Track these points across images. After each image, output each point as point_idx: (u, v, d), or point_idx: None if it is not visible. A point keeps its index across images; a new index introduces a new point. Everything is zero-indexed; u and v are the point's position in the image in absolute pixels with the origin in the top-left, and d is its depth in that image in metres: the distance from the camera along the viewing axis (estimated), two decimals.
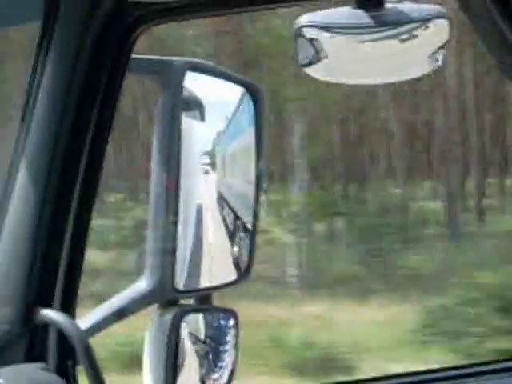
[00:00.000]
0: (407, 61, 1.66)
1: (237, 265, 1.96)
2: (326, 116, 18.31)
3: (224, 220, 1.95)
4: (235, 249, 1.96)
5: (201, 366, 1.89)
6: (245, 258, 1.95)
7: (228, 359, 1.95)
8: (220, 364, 1.92)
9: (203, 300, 1.90)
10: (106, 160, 1.78)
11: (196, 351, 1.89)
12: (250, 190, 1.94)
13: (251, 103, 1.91)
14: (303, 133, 16.14)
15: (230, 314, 1.94)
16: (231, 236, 1.97)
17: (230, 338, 1.94)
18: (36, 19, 1.66)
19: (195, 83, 1.81)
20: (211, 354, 1.92)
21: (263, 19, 15.55)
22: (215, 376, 1.91)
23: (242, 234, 1.96)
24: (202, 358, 1.90)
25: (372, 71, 1.70)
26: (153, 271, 1.78)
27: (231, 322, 1.94)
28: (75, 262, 1.73)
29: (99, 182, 1.75)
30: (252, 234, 1.95)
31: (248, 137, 1.92)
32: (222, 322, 1.93)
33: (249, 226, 1.95)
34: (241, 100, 1.92)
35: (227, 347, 1.94)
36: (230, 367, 1.95)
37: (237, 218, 1.96)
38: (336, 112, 18.52)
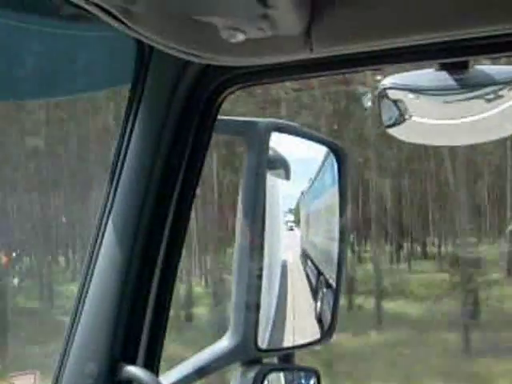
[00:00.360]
0: (495, 121, 1.65)
1: (320, 322, 1.95)
2: None
3: (307, 276, 1.96)
4: (318, 304, 1.96)
5: None
6: (328, 316, 1.95)
7: None
8: None
9: (286, 358, 1.90)
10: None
11: None
12: (333, 246, 1.94)
13: (335, 163, 1.92)
14: None
15: (312, 373, 1.94)
16: (314, 292, 1.97)
17: None
18: (126, 82, 1.71)
19: (280, 143, 1.83)
20: None
21: None
22: None
23: (325, 289, 1.96)
24: None
25: (458, 132, 1.69)
26: (236, 328, 1.78)
27: (312, 382, 1.93)
28: (160, 319, 1.75)
29: (184, 242, 1.78)
30: (336, 291, 1.95)
31: (331, 196, 1.93)
32: (304, 381, 1.93)
33: (331, 282, 1.94)
34: (324, 160, 1.93)
35: None
36: None
37: (320, 274, 1.97)
38: None
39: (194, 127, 1.72)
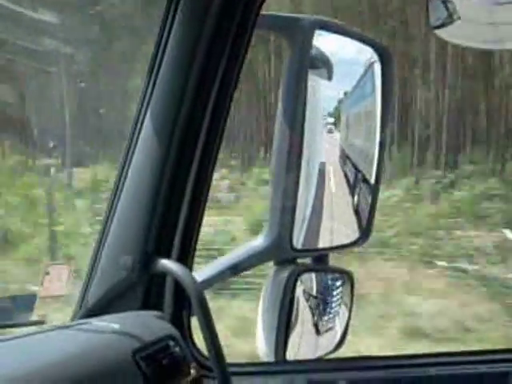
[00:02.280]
0: None
1: (357, 215, 1.94)
2: None
3: (346, 175, 1.94)
4: (355, 198, 1.95)
5: (313, 315, 1.90)
6: (365, 214, 1.93)
7: (341, 318, 1.96)
8: (331, 310, 1.93)
9: (320, 259, 1.90)
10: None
11: (309, 306, 1.90)
12: (372, 147, 1.91)
13: (380, 65, 1.87)
14: None
15: (346, 274, 1.94)
16: (352, 188, 1.95)
17: (342, 295, 1.95)
18: None
19: (324, 41, 1.79)
20: (323, 305, 1.92)
21: None
22: (326, 318, 1.92)
23: (361, 184, 1.94)
24: (315, 309, 1.91)
25: (506, 36, 1.63)
26: (272, 229, 1.78)
27: (347, 283, 1.94)
28: (195, 214, 1.75)
29: (223, 135, 1.76)
30: (373, 190, 1.92)
31: (374, 99, 1.89)
32: (338, 283, 1.94)
33: (369, 178, 1.92)
34: (369, 61, 1.89)
35: (339, 302, 1.94)
36: (342, 327, 1.96)
37: (358, 171, 1.94)
38: None
39: (235, 24, 1.69)
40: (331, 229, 1.95)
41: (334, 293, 1.95)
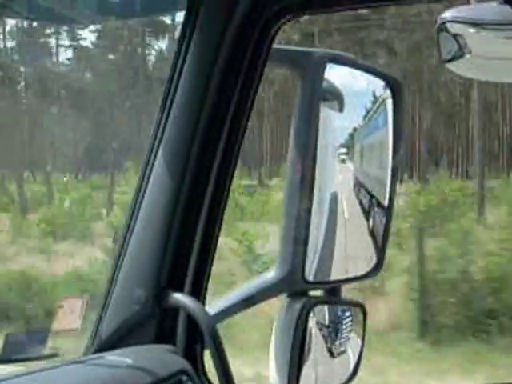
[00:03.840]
0: None
1: (373, 236, 1.93)
2: None
3: (361, 203, 1.94)
4: (371, 222, 1.94)
5: (326, 342, 1.90)
6: (378, 249, 1.93)
7: (354, 349, 1.95)
8: (342, 335, 1.93)
9: (332, 291, 1.90)
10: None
11: (322, 335, 1.90)
12: (385, 174, 1.92)
13: (390, 97, 1.88)
14: None
15: (359, 307, 1.94)
16: (367, 212, 1.95)
17: (353, 323, 1.95)
18: (180, 9, 1.69)
19: (335, 74, 1.80)
20: (334, 332, 1.92)
21: None
22: (338, 343, 1.92)
23: (376, 209, 1.94)
24: (327, 336, 1.90)
25: None
26: (284, 260, 1.79)
27: (360, 316, 1.93)
28: (208, 247, 1.75)
29: (235, 169, 1.77)
30: (387, 222, 1.92)
31: (386, 129, 1.90)
32: (347, 312, 1.93)
33: (384, 203, 1.92)
34: (380, 93, 1.90)
35: (349, 329, 1.94)
36: (355, 359, 1.95)
37: (372, 196, 1.95)
38: None
39: (248, 57, 1.70)
40: (344, 260, 1.95)
41: (345, 320, 1.95)
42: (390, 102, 1.88)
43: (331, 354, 1.90)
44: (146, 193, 1.71)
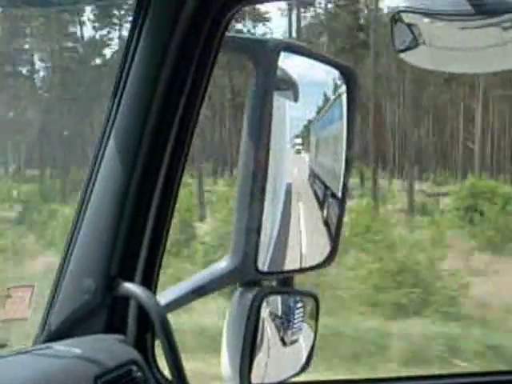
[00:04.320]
0: (510, 50, 1.60)
1: (327, 226, 1.93)
2: None
3: (315, 193, 1.94)
4: (325, 212, 1.94)
5: (279, 331, 1.89)
6: (331, 239, 1.93)
7: (306, 339, 1.95)
8: (294, 325, 1.92)
9: (285, 281, 1.89)
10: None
11: (275, 325, 1.89)
12: (339, 166, 1.92)
13: (344, 86, 1.87)
14: None
15: (311, 297, 1.93)
16: (322, 202, 1.94)
17: (305, 314, 1.94)
18: None
19: (289, 63, 1.79)
20: (287, 322, 1.91)
21: None
22: (290, 332, 1.91)
23: (330, 199, 1.94)
24: (280, 326, 1.90)
25: (471, 59, 1.64)
26: (236, 250, 1.77)
27: (312, 306, 1.93)
28: (159, 237, 1.74)
29: (186, 159, 1.76)
30: (340, 212, 1.93)
31: (341, 123, 1.89)
32: (299, 303, 1.93)
33: (338, 194, 1.93)
34: (334, 82, 1.89)
35: (301, 319, 1.94)
36: (308, 350, 1.95)
37: (327, 187, 1.95)
38: None
39: (200, 46, 1.68)
40: (298, 251, 1.94)
41: (297, 311, 1.94)
42: (345, 98, 1.88)
43: (283, 343, 1.89)
44: (96, 182, 1.69)
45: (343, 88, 1.89)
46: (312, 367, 1.92)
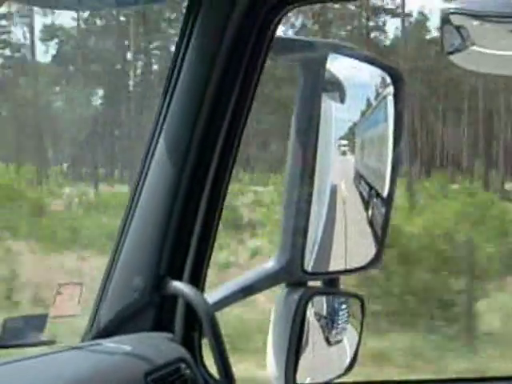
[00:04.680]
0: None
1: (371, 226, 1.93)
2: None
3: (361, 194, 1.94)
4: (369, 212, 1.94)
5: (323, 331, 1.90)
6: (377, 241, 1.93)
7: (351, 341, 1.95)
8: (338, 326, 1.93)
9: (331, 282, 1.90)
10: None
11: (320, 326, 1.90)
12: (385, 168, 1.92)
13: (392, 88, 1.87)
14: None
15: (357, 298, 1.94)
16: (366, 203, 1.94)
17: (349, 314, 1.95)
18: None
19: (337, 65, 1.80)
20: (331, 322, 1.92)
21: None
22: (334, 332, 1.92)
23: (375, 199, 1.94)
24: (325, 326, 1.90)
25: None
26: (283, 251, 1.78)
27: (357, 307, 1.93)
28: (207, 236, 1.75)
29: (235, 159, 1.77)
30: (386, 213, 1.92)
31: (387, 125, 1.89)
32: (344, 305, 1.93)
33: (383, 194, 1.92)
34: (382, 85, 1.89)
35: (346, 320, 1.94)
36: (353, 351, 1.95)
37: (372, 187, 1.95)
38: None
39: (250, 47, 1.70)
40: (343, 252, 1.94)
41: (341, 312, 1.95)
42: (390, 99, 1.88)
43: (328, 343, 1.90)
44: (146, 181, 1.71)
45: (388, 91, 1.90)
46: None
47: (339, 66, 1.81)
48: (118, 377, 1.48)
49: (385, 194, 1.92)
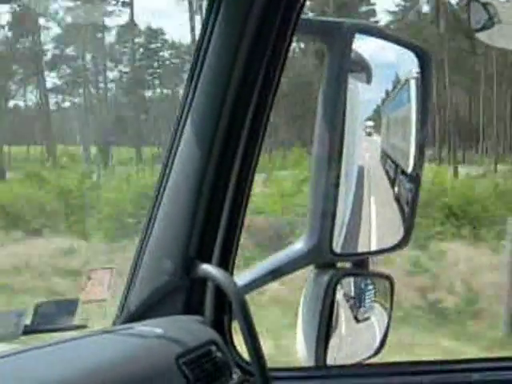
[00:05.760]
0: None
1: (398, 202, 1.93)
2: None
3: (387, 173, 1.93)
4: (395, 189, 1.94)
5: (352, 310, 1.90)
6: (405, 222, 1.93)
7: (380, 321, 1.95)
8: (365, 304, 1.93)
9: (360, 264, 1.90)
10: None
11: (349, 306, 1.90)
12: (411, 148, 1.91)
13: (419, 68, 1.86)
14: None
15: (386, 279, 1.93)
16: (393, 180, 1.94)
17: (377, 293, 1.95)
18: None
19: (363, 45, 1.79)
20: (359, 301, 1.92)
21: None
22: (362, 310, 1.92)
23: (401, 176, 1.93)
24: (353, 305, 1.91)
25: None
26: (312, 233, 1.78)
27: (387, 287, 1.93)
28: (236, 219, 1.75)
29: (263, 140, 1.77)
30: (414, 194, 1.91)
31: (414, 102, 1.88)
32: (370, 284, 1.93)
33: (410, 175, 1.91)
34: (409, 64, 1.88)
35: (372, 298, 1.94)
36: (382, 331, 1.95)
37: (398, 166, 1.94)
38: None
39: (275, 28, 1.69)
40: (372, 233, 1.94)
41: (367, 292, 1.95)
42: (413, 82, 1.87)
43: (356, 320, 1.90)
44: (174, 164, 1.71)
45: (411, 74, 1.89)
46: None
47: (366, 46, 1.80)
48: (150, 360, 1.49)
49: (409, 170, 1.91)
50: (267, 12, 1.68)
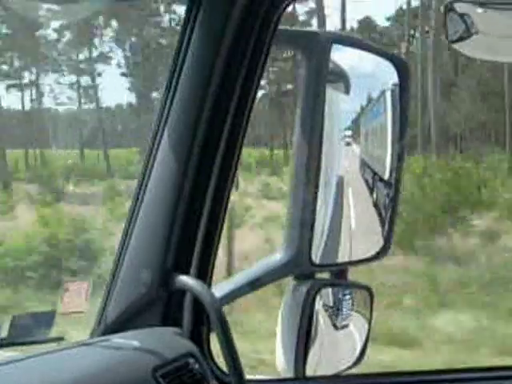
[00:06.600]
0: None
1: (376, 207, 1.92)
2: None
3: (366, 182, 1.93)
4: (374, 196, 1.93)
5: (331, 318, 1.89)
6: (385, 231, 1.92)
7: (360, 331, 1.94)
8: (343, 313, 1.92)
9: (339, 274, 1.89)
10: None
11: (328, 316, 1.89)
12: (390, 158, 1.91)
13: (396, 78, 1.86)
14: None
15: (366, 290, 1.93)
16: (371, 188, 1.93)
17: (357, 304, 1.94)
18: None
19: (340, 55, 1.79)
20: (338, 310, 1.91)
21: None
22: (340, 318, 1.91)
23: (380, 185, 1.93)
24: (332, 315, 1.90)
25: None
26: (290, 243, 1.78)
27: (366, 298, 1.92)
28: (214, 230, 1.75)
29: (241, 152, 1.76)
30: (393, 203, 1.91)
31: (392, 112, 1.88)
32: (348, 296, 1.93)
33: (390, 189, 1.91)
34: (386, 74, 1.88)
35: (350, 307, 1.93)
36: (362, 342, 1.94)
37: (376, 174, 1.93)
38: None
39: (253, 39, 1.69)
40: (350, 243, 1.94)
41: (344, 302, 1.94)
42: (388, 94, 1.87)
43: (335, 328, 1.89)
44: (151, 175, 1.70)
45: (391, 80, 1.88)
46: None
47: (343, 56, 1.80)
48: (127, 372, 1.48)
49: (392, 189, 1.91)
50: (245, 23, 1.68)
